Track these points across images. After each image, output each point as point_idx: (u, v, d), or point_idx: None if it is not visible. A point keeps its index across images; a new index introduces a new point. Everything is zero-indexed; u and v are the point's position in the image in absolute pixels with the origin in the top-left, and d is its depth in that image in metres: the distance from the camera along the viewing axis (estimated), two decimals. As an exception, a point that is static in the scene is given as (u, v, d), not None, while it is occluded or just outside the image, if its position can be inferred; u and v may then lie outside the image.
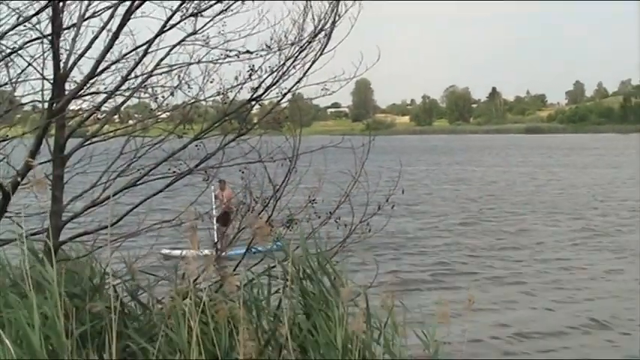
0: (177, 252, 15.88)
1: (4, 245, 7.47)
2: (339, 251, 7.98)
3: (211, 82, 8.06)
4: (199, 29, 7.91)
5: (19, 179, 7.19)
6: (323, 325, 6.10)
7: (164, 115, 8.57)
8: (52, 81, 7.37)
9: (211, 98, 8.34)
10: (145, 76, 7.83)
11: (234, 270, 7.79)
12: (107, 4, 7.71)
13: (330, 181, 8.27)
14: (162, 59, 7.86)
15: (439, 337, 6.09)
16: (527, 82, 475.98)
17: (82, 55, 7.50)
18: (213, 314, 5.90)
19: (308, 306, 6.36)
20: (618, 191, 45.56)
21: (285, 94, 8.22)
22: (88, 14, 7.75)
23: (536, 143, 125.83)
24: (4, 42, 7.93)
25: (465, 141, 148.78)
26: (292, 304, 6.41)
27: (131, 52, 7.71)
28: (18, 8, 7.78)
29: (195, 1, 7.73)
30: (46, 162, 7.56)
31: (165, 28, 7.70)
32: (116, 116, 8.59)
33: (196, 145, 8.18)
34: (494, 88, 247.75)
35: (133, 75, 7.74)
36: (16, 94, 8.50)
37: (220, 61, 8.03)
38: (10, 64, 8.12)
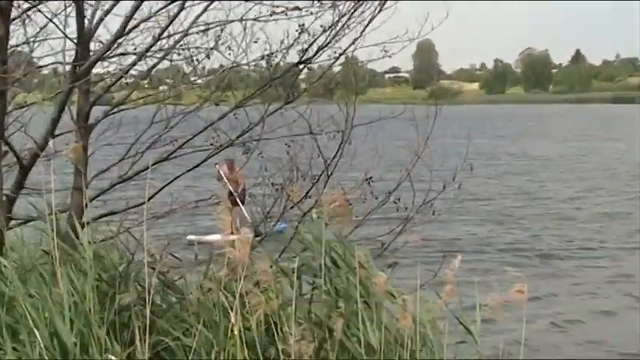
0: (210, 237, 16.00)
1: (24, 224, 7.61)
2: (400, 234, 8.11)
3: (255, 42, 8.08)
4: (241, -19, 7.87)
5: (38, 151, 7.26)
6: (364, 321, 6.16)
7: (200, 81, 8.64)
8: (75, 40, 7.41)
9: (254, 61, 8.35)
10: (179, 35, 7.85)
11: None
12: (138, -47, 7.71)
13: (388, 156, 8.27)
14: (198, 16, 7.83)
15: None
16: (618, 44, 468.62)
17: (109, 11, 7.52)
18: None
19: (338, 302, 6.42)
20: None
21: (339, 56, 8.25)
22: (116, -35, 7.75)
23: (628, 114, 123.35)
24: (21, -4, 7.91)
25: (543, 111, 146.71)
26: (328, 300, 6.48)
27: (164, 8, 7.67)
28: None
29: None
30: (67, 132, 7.64)
31: (203, -20, 7.68)
32: (146, 81, 8.67)
33: (235, 115, 8.26)
34: (577, 51, 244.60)
35: (165, 34, 7.75)
36: (34, 55, 8.56)
37: (265, 18, 7.98)
38: (27, 21, 8.12)
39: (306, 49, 8.10)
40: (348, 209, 6.52)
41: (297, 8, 7.91)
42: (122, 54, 8.01)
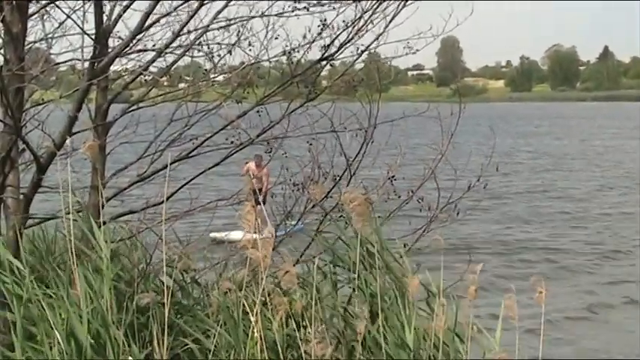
0: (233, 235, 15.94)
1: (42, 223, 7.64)
2: (423, 235, 8.11)
3: (276, 38, 8.08)
4: (263, -24, 7.86)
5: (55, 149, 7.27)
6: (395, 321, 6.20)
7: (221, 78, 8.60)
8: (93, 36, 7.43)
9: (275, 58, 8.37)
10: (200, 31, 7.84)
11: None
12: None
13: (412, 155, 8.28)
14: (219, 12, 7.81)
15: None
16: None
17: (127, 7, 7.55)
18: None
19: (373, 301, 6.44)
20: None
21: (362, 52, 8.26)
22: (135, -41, 7.75)
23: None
24: (39, -9, 7.93)
25: (571, 109, 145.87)
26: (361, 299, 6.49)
27: (184, 3, 7.67)
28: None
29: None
30: (85, 130, 7.62)
31: (224, -24, 7.67)
32: (165, 78, 8.62)
33: (257, 112, 8.27)
34: (606, 47, 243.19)
35: (185, 30, 7.73)
36: (52, 51, 8.57)
37: (287, 14, 8.00)
38: (45, 17, 8.17)
39: (328, 46, 8.10)
40: (368, 209, 6.46)
41: (319, 3, 7.92)
42: (141, 50, 7.99)
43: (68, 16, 7.86)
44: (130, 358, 5.74)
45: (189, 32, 7.82)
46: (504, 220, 28.25)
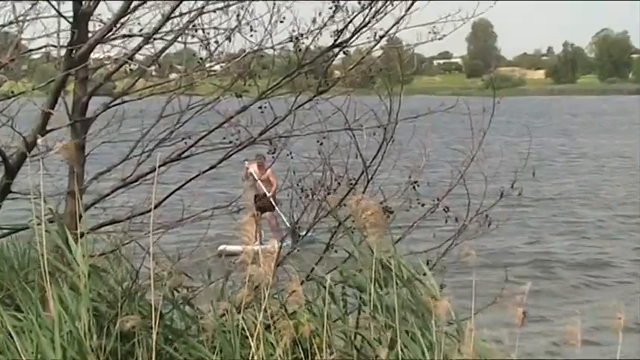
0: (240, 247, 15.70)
1: (11, 234, 7.61)
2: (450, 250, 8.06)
3: (281, 22, 8.00)
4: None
5: (26, 150, 7.25)
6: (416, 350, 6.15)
7: (218, 67, 8.51)
8: (71, 19, 7.38)
9: (280, 45, 8.30)
10: (194, 14, 7.83)
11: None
12: None
13: (437, 156, 8.24)
14: (216, -9, 7.75)
15: None
16: None
17: (111, -14, 7.50)
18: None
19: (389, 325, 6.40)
20: None
21: (381, 38, 8.19)
22: None
23: None
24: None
25: (621, 102, 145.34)
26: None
27: (176, -19, 7.61)
28: None
29: None
30: (61, 127, 7.60)
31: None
32: (154, 67, 8.54)
33: (260, 107, 8.19)
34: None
35: (177, 12, 7.72)
36: (23, 36, 8.47)
37: (294, -6, 7.90)
38: (16, -2, 8.08)
39: (342, 31, 8.05)
40: (384, 219, 6.43)
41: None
42: (126, 36, 7.96)
43: (42, -4, 7.77)
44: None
45: (181, 15, 7.81)
46: (537, 230, 28.08)
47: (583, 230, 28.31)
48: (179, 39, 8.05)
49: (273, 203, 20.31)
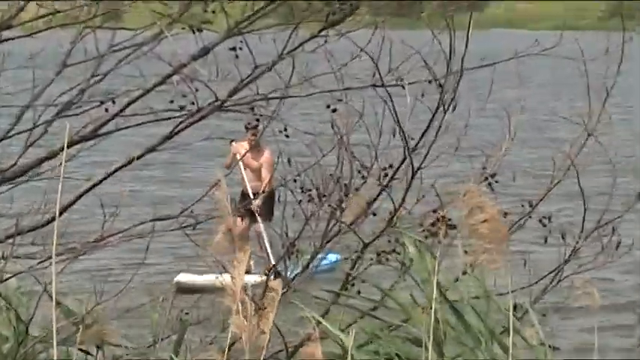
0: (207, 278, 12.40)
1: None
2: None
3: None
4: None
5: None
6: None
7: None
8: None
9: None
10: None
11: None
12: None
13: (526, 134, 6.18)
14: None
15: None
16: None
17: None
18: None
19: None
20: None
21: None
22: None
23: None
24: None
25: None
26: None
27: None
28: None
29: None
30: None
31: None
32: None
33: (233, 49, 6.28)
34: None
35: None
36: None
37: None
38: None
39: None
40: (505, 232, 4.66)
41: None
42: None
43: None
44: None
45: None
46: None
47: None
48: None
49: (256, 211, 15.77)
